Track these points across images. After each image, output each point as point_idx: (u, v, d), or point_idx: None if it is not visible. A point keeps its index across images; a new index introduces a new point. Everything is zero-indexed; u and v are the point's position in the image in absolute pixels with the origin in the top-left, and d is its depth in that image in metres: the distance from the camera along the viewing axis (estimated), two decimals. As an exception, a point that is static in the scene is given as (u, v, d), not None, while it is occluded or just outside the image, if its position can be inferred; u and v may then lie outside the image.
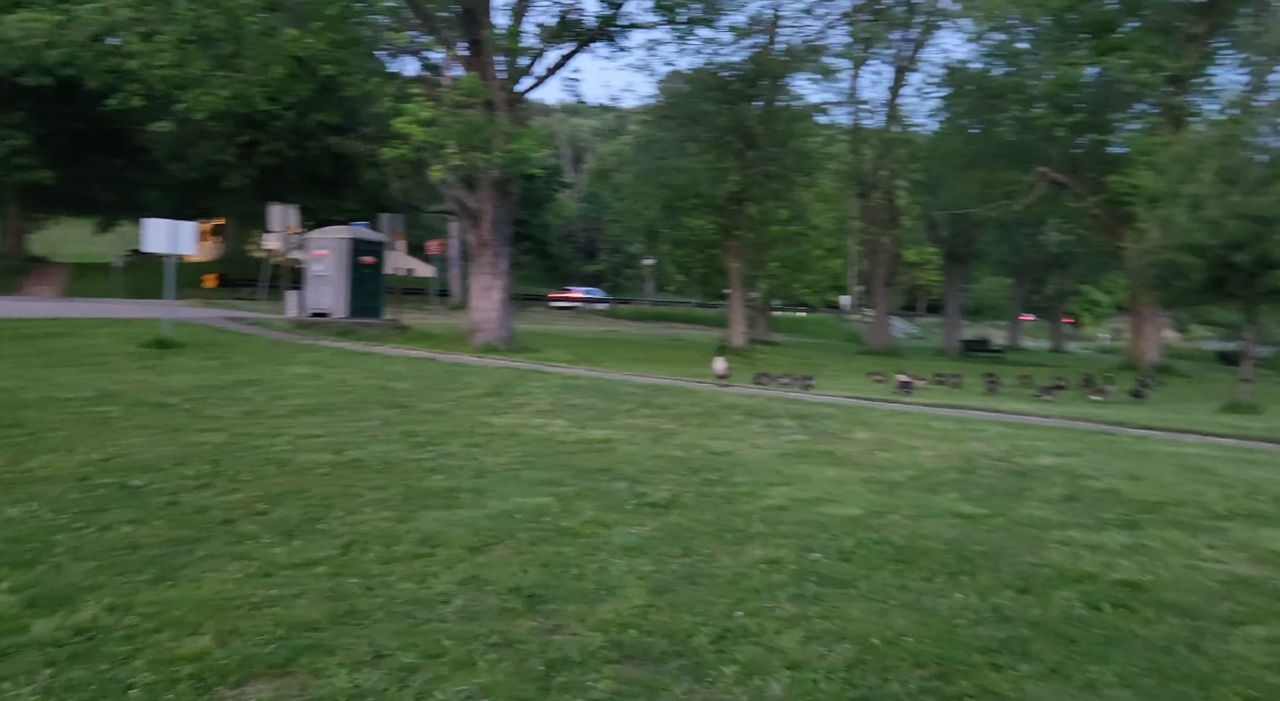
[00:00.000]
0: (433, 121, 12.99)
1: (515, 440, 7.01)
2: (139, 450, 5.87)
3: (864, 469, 6.53)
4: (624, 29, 18.71)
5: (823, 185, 30.30)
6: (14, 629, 2.91)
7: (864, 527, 4.87)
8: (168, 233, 11.85)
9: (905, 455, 7.15)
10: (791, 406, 9.60)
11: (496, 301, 16.76)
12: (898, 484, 6.07)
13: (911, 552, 4.44)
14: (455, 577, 3.72)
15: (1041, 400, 14.05)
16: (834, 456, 6.97)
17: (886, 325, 36.33)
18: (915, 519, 5.13)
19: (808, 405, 9.87)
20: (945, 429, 8.80)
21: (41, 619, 3.01)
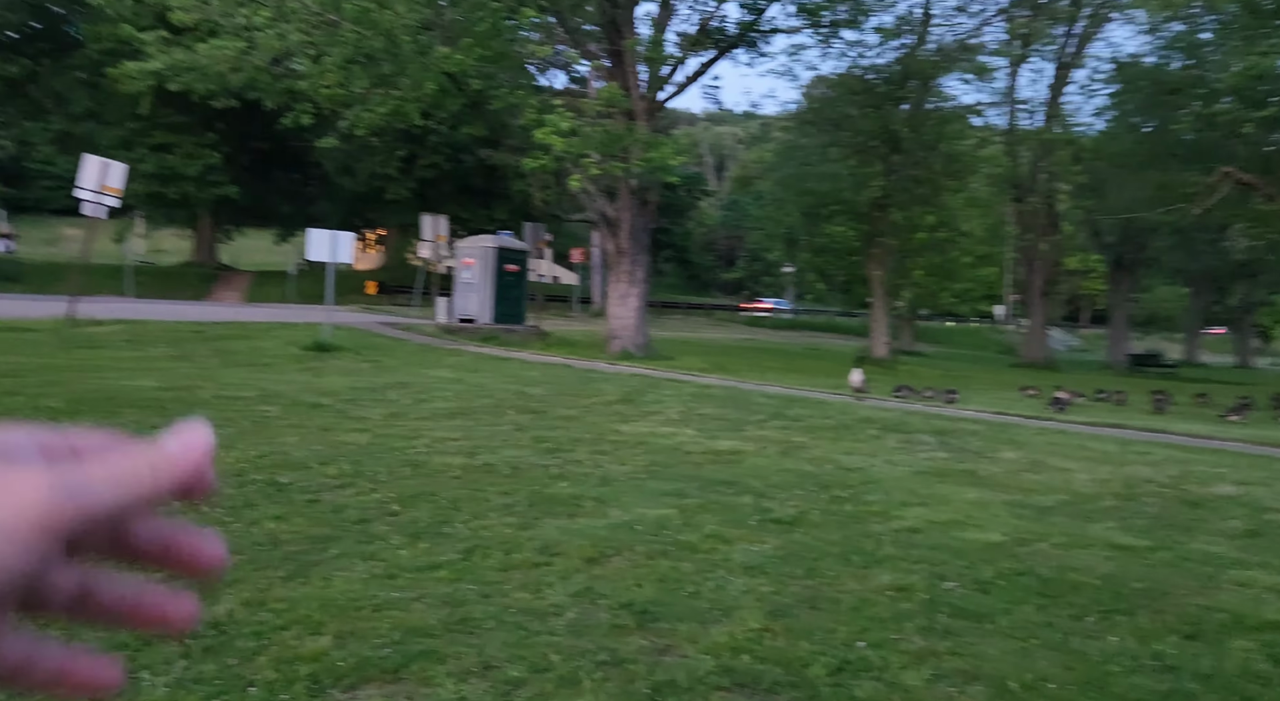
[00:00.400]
0: (573, 132, 13.24)
1: (642, 449, 6.99)
2: (291, 448, 6.20)
3: (1009, 491, 6.12)
4: (765, 34, 18.52)
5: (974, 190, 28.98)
6: (159, 618, 3.09)
7: (1006, 556, 4.55)
8: (328, 242, 12.59)
9: (1056, 477, 6.67)
10: (932, 421, 9.16)
11: (633, 309, 16.89)
12: (1047, 509, 5.66)
13: (1059, 586, 4.10)
14: (569, 589, 3.71)
15: (1226, 421, 12.84)
16: (976, 476, 6.58)
17: (1043, 336, 34.30)
18: (1065, 549, 4.76)
19: (950, 420, 9.40)
20: (1104, 450, 8.17)
21: (184, 609, 3.19)
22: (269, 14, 13.54)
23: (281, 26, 14.06)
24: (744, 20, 17.56)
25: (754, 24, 17.73)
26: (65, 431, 0.36)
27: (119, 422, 6.68)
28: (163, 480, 0.36)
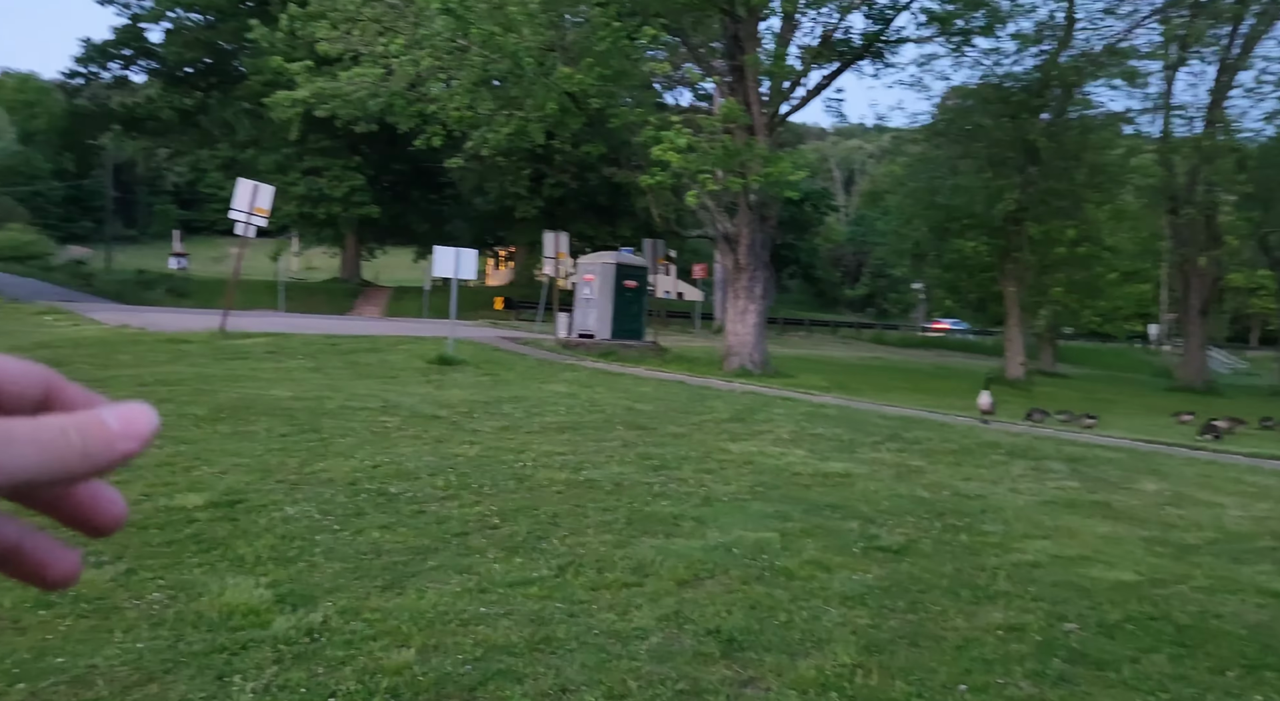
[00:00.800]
0: (690, 148, 13.24)
1: (749, 468, 6.84)
2: (404, 459, 6.38)
3: (1147, 526, 5.65)
4: (892, 45, 18.05)
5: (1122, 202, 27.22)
6: (259, 623, 3.20)
7: (1138, 597, 4.18)
8: (452, 259, 13.03)
9: (1204, 513, 6.11)
10: (1065, 447, 8.60)
11: (752, 325, 16.70)
12: (1190, 548, 5.19)
13: (1199, 635, 3.73)
14: (657, 612, 3.63)
15: None
16: (1110, 508, 6.11)
17: (1202, 358, 31.82)
18: (1208, 593, 4.34)
19: (1085, 447, 8.80)
20: (1265, 484, 7.45)
21: (284, 615, 3.30)
22: (404, 42, 14.20)
23: (415, 53, 14.70)
24: (870, 31, 17.18)
25: (880, 34, 17.32)
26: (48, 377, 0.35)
27: (252, 430, 7.07)
28: (92, 458, 0.34)
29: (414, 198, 43.94)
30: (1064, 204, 23.21)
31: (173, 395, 8.35)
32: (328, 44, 15.20)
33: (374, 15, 15.32)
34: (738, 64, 16.18)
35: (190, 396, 8.38)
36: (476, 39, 13.27)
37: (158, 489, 5.00)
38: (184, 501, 4.75)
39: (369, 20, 15.13)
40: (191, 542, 4.12)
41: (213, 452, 6.10)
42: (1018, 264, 23.88)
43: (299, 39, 16.76)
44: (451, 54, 14.62)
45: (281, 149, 35.66)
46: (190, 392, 8.61)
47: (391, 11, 15.50)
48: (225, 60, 39.43)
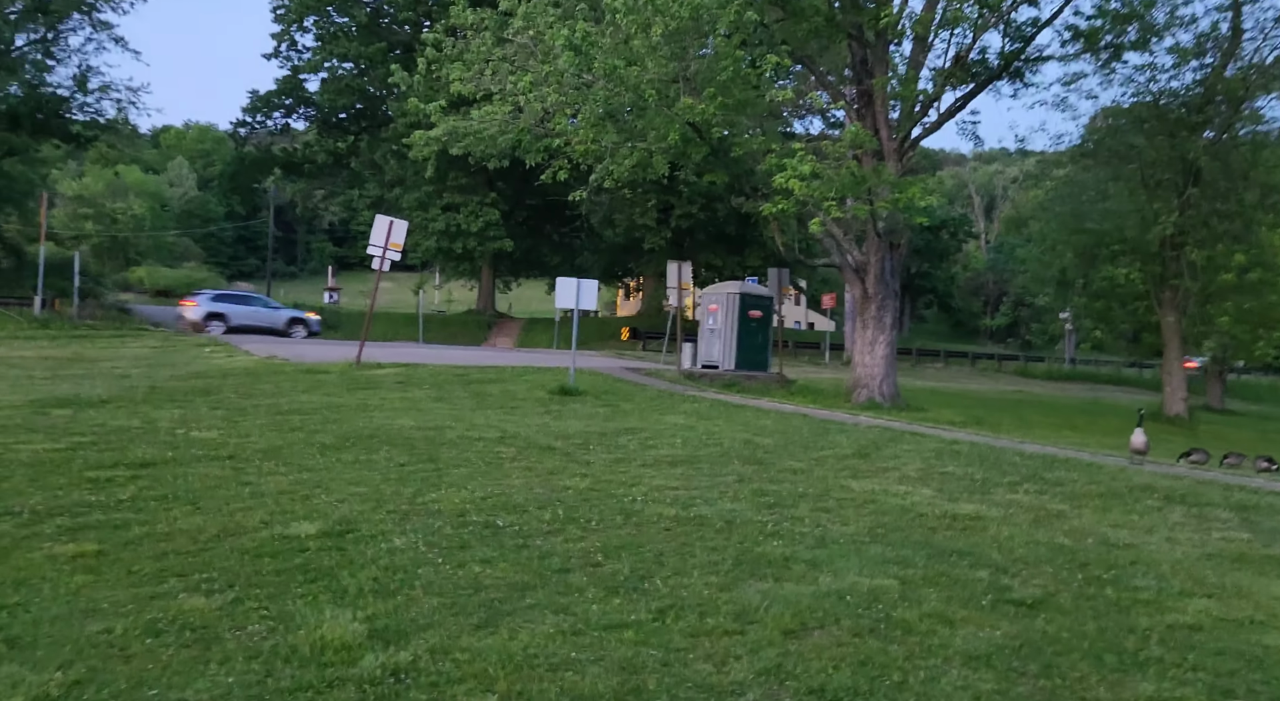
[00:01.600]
0: (815, 175, 12.96)
1: (870, 508, 6.48)
2: (514, 491, 6.37)
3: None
4: (1033, 64, 17.21)
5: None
6: (348, 660, 3.18)
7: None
8: (573, 290, 13.17)
9: (1402, 575, 5.33)
10: (1234, 493, 7.76)
11: (881, 356, 16.12)
12: (1385, 615, 4.51)
13: (1392, 720, 3.20)
14: (757, 665, 3.40)
15: None
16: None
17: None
18: None
19: (1257, 493, 7.92)
20: None
21: (374, 652, 3.26)
22: (531, 79, 14.59)
23: (542, 89, 15.07)
24: (1008, 50, 16.44)
25: (1019, 53, 16.55)
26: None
27: (373, 459, 7.25)
28: None
29: (546, 231, 45.19)
30: (1231, 227, 21.39)
31: (304, 424, 8.71)
32: (460, 84, 15.80)
33: (504, 55, 15.85)
34: (866, 89, 15.81)
35: (319, 425, 8.71)
36: (600, 73, 13.48)
37: (277, 516, 5.14)
38: (298, 530, 4.85)
39: (499, 60, 15.66)
40: (299, 572, 4.18)
41: (333, 481, 6.27)
42: (1177, 292, 22.14)
43: (436, 81, 17.52)
44: (577, 89, 14.91)
45: (423, 187, 37.38)
46: (320, 421, 8.96)
47: (522, 51, 15.99)
48: (374, 105, 41.83)
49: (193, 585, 3.82)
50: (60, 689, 2.73)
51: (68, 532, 4.45)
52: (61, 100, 30.26)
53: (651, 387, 14.82)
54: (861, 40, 15.98)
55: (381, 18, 41.48)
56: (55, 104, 30.04)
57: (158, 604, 3.54)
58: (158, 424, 8.17)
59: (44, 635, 3.14)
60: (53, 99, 30.03)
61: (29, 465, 6.05)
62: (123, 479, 5.78)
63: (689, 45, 14.07)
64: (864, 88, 15.90)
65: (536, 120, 15.85)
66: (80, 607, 3.42)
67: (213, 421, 8.48)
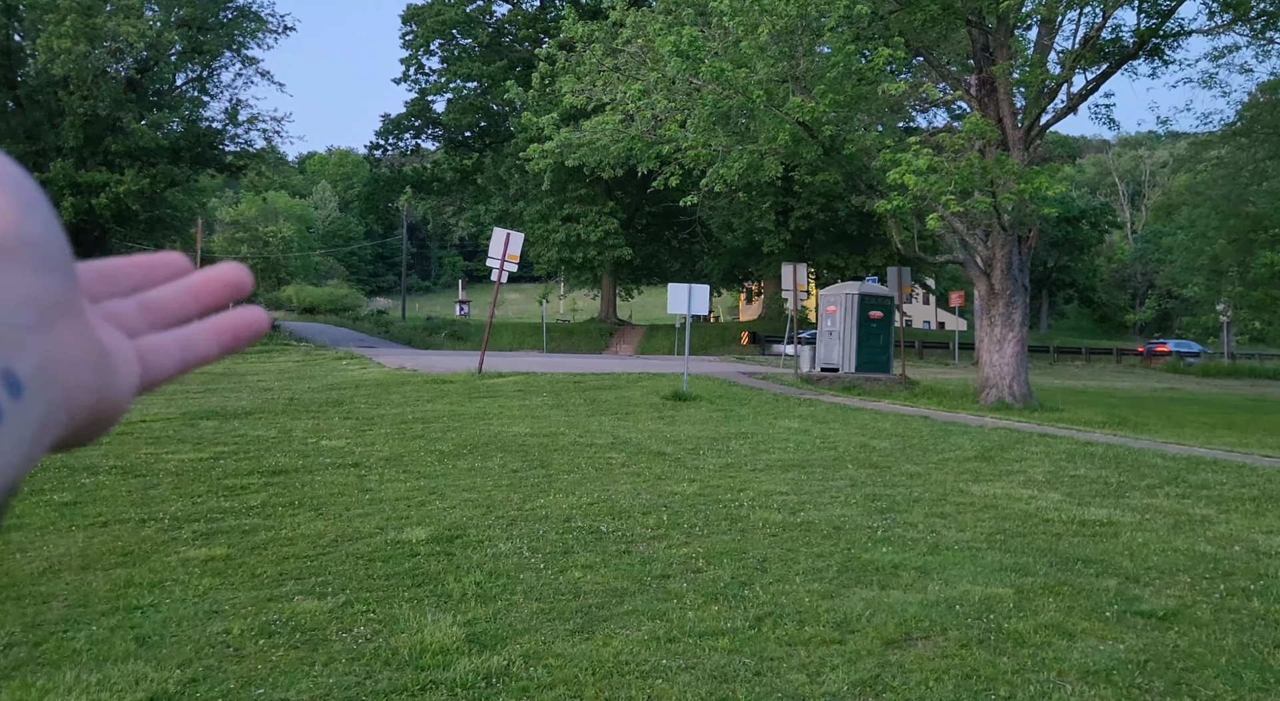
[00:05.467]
0: (932, 169, 12.50)
1: (991, 513, 6.19)
2: (622, 496, 6.43)
3: None
4: (1172, 39, 16.07)
5: None
6: (442, 663, 3.27)
7: None
8: (685, 295, 13.18)
9: None
10: None
11: (1010, 355, 15.36)
12: None
13: None
14: (854, 676, 3.31)
15: None
16: None
17: None
18: None
19: None
20: None
21: (469, 657, 3.35)
22: (640, 87, 14.71)
23: (651, 97, 15.17)
24: (1144, 27, 15.41)
25: (1157, 29, 15.48)
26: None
27: (487, 465, 7.47)
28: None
29: (666, 238, 45.43)
30: None
31: (426, 432, 9.06)
32: (573, 96, 16.10)
33: (615, 65, 16.04)
34: (987, 76, 15.15)
35: (440, 433, 9.04)
36: (707, 76, 13.45)
37: (392, 522, 5.37)
38: (411, 535, 5.05)
39: (610, 71, 15.87)
40: (408, 576, 4.34)
41: (448, 487, 6.49)
42: (1349, 276, 20.23)
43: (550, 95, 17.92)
44: (687, 95, 14.94)
45: (543, 199, 38.29)
46: (441, 429, 9.29)
47: (633, 60, 16.15)
48: (497, 122, 43.19)
49: (308, 588, 4.03)
50: (177, 686, 2.93)
51: (202, 537, 4.78)
52: (215, 132, 32.62)
53: (767, 392, 14.65)
54: (982, 26, 15.33)
55: (503, 37, 42.81)
56: (210, 136, 32.41)
57: (274, 606, 3.75)
58: (292, 433, 8.68)
59: (170, 634, 3.38)
60: (207, 132, 32.42)
61: (175, 473, 6.54)
62: (256, 486, 6.17)
63: (798, 43, 13.86)
64: (985, 75, 15.24)
65: (647, 127, 15.97)
66: (205, 609, 3.66)
67: (342, 431, 8.93)
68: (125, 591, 3.88)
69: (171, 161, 30.49)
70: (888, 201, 13.08)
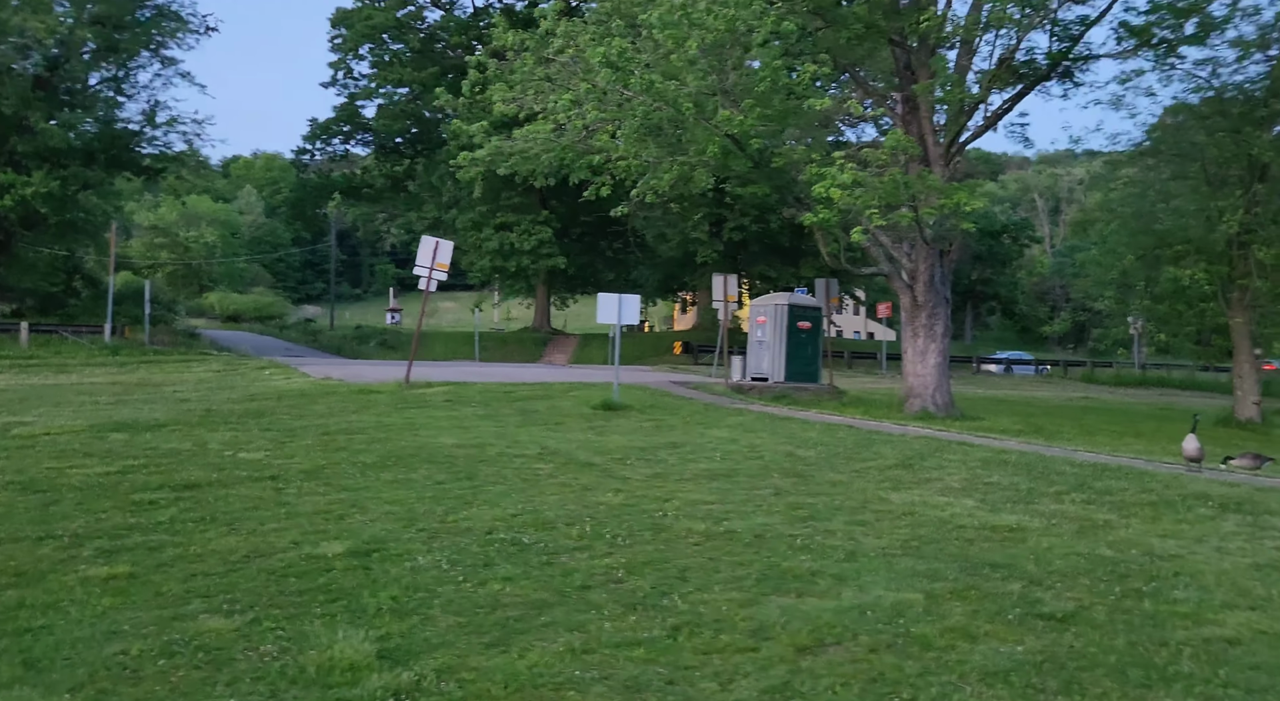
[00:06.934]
0: (856, 183, 12.82)
1: (907, 521, 6.36)
2: (547, 507, 6.41)
3: (1390, 600, 4.71)
4: (1082, 63, 16.77)
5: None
6: (351, 681, 3.22)
7: (1364, 691, 3.46)
8: (614, 305, 13.22)
9: None
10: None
11: (933, 365, 15.79)
12: None
13: None
14: (764, 683, 3.37)
15: None
16: (1344, 577, 5.16)
17: None
18: None
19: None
20: None
21: (380, 673, 3.30)
22: (570, 97, 14.73)
23: (582, 107, 15.21)
24: (1055, 50, 16.05)
25: (1068, 53, 16.14)
26: None
27: (412, 477, 7.37)
28: None
29: (600, 247, 45.43)
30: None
31: (349, 443, 8.90)
32: (503, 105, 16.04)
33: (546, 74, 16.05)
34: (909, 94, 15.60)
35: (364, 444, 8.89)
36: (637, 87, 13.55)
37: (308, 537, 5.26)
38: (327, 549, 4.96)
39: (541, 80, 15.87)
40: (321, 592, 4.27)
41: (370, 500, 6.39)
42: (1245, 292, 21.27)
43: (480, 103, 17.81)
44: (619, 106, 15.02)
45: (476, 207, 37.96)
46: (366, 440, 9.14)
47: (564, 70, 16.17)
48: (429, 129, 42.72)
49: (215, 606, 3.93)
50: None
51: (104, 555, 4.62)
52: (132, 134, 31.54)
53: (698, 401, 14.77)
54: (904, 45, 15.78)
55: (435, 43, 42.41)
56: (126, 138, 31.32)
57: (178, 625, 3.65)
58: (208, 446, 8.44)
59: (62, 657, 3.26)
60: (124, 133, 31.32)
61: (79, 489, 6.31)
62: (165, 501, 5.98)
63: (727, 57, 14.07)
64: (908, 93, 15.68)
65: (578, 137, 16.00)
66: (103, 630, 3.54)
67: (261, 443, 8.72)
68: (16, 613, 3.73)
69: (84, 163, 29.38)
70: (814, 214, 13.35)
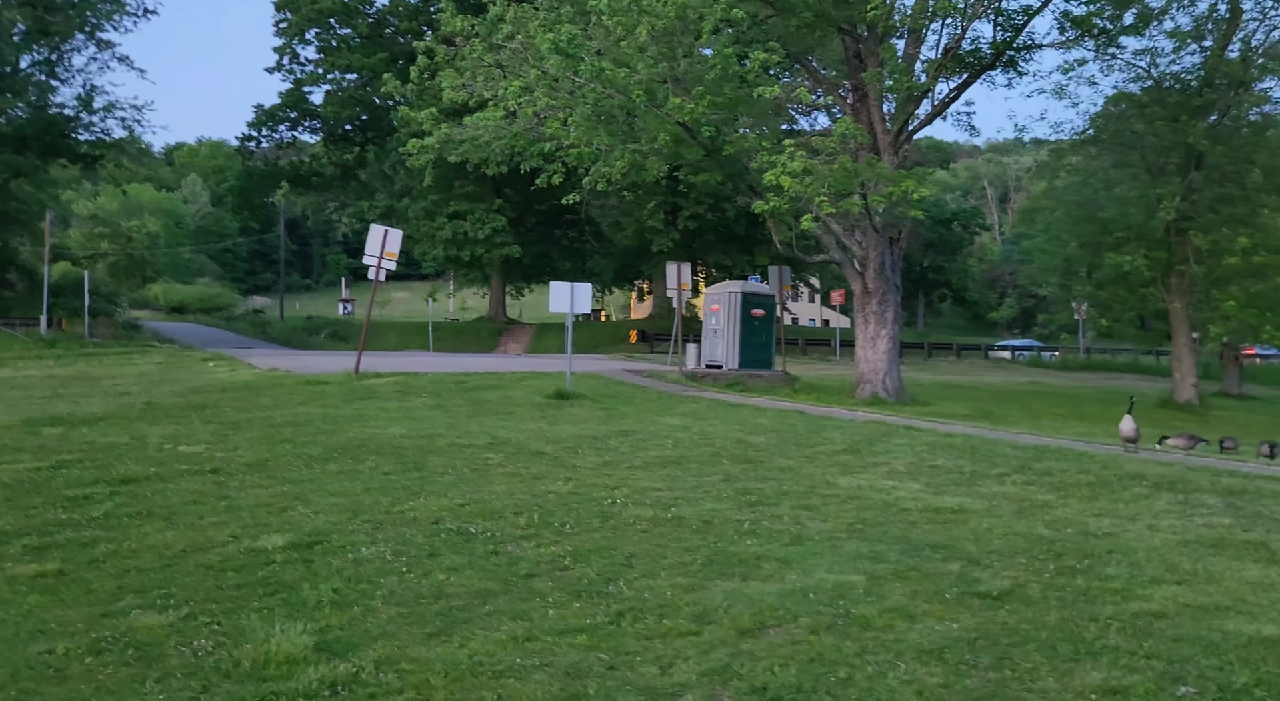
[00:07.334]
0: (806, 171, 12.92)
1: (854, 504, 6.45)
2: (495, 497, 6.38)
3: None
4: (1025, 52, 17.07)
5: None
6: (287, 674, 3.17)
7: (1277, 656, 3.59)
8: (567, 294, 13.18)
9: (1385, 557, 5.24)
10: (1223, 479, 7.66)
11: (883, 351, 16.03)
12: (1358, 599, 4.43)
13: (1346, 707, 3.15)
14: (704, 666, 3.39)
15: None
16: (1267, 550, 5.36)
17: None
18: (1372, 654, 3.67)
19: (1247, 478, 7.82)
20: None
21: (317, 666, 3.26)
22: (520, 83, 14.63)
23: (533, 94, 15.10)
24: (1000, 39, 16.31)
25: (1011, 42, 16.42)
26: None
27: (358, 469, 7.28)
28: None
29: (556, 236, 45.19)
30: (1236, 211, 21.11)
31: (295, 436, 8.76)
32: (452, 91, 15.87)
33: (496, 61, 15.90)
34: (859, 83, 15.75)
35: (311, 436, 8.76)
36: (587, 75, 13.49)
37: (248, 530, 5.18)
38: (267, 542, 4.89)
39: (490, 66, 15.71)
40: (260, 586, 4.20)
41: (314, 493, 6.30)
42: (1183, 277, 21.89)
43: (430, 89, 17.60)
44: (571, 93, 14.93)
45: (429, 195, 37.50)
46: (313, 433, 9.01)
47: (515, 56, 16.02)
48: (379, 116, 42.05)
49: (149, 602, 3.85)
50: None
51: (33, 552, 4.50)
52: (67, 120, 30.60)
53: (652, 389, 14.81)
54: (854, 34, 15.92)
55: (384, 28, 41.70)
56: (61, 124, 30.38)
57: (108, 622, 3.57)
58: (147, 440, 8.25)
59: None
60: (58, 119, 30.37)
61: (8, 485, 6.13)
62: (100, 496, 5.84)
63: (677, 45, 14.06)
64: (857, 82, 15.84)
65: (530, 124, 15.88)
66: (29, 628, 3.45)
67: (203, 436, 8.55)
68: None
69: (16, 150, 28.44)
70: (766, 202, 13.42)
